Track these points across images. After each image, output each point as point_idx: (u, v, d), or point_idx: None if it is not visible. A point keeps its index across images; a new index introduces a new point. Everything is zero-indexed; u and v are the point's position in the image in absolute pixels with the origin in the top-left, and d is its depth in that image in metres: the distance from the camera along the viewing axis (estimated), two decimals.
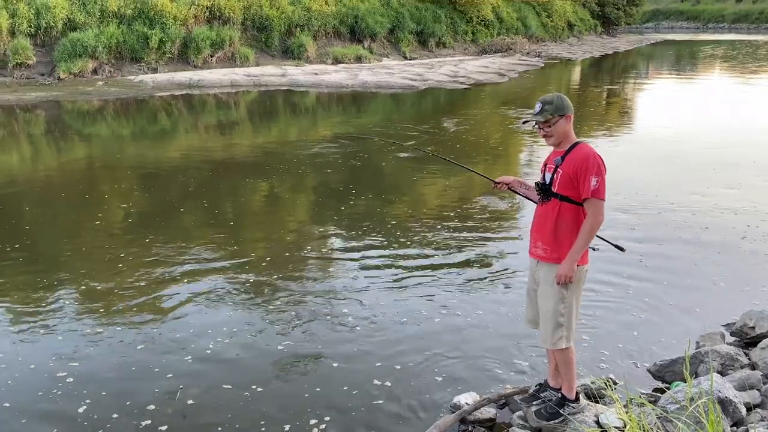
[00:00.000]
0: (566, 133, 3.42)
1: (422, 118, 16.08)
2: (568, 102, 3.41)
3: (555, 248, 3.44)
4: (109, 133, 14.64)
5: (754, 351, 4.41)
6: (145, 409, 4.01)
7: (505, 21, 41.10)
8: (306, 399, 4.13)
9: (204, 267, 6.34)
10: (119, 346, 4.81)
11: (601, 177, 3.31)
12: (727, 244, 7.03)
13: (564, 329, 3.47)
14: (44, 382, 4.32)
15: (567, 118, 3.39)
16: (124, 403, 4.08)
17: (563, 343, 3.49)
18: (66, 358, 4.62)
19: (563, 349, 3.51)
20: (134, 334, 5.00)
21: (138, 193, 9.30)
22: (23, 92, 19.07)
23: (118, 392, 4.20)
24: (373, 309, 5.44)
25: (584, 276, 3.52)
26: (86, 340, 4.90)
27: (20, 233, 7.33)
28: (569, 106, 3.40)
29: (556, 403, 3.63)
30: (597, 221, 3.34)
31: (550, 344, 3.52)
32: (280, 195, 9.37)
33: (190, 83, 21.56)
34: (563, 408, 3.57)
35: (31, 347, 4.83)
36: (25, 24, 20.91)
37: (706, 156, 11.64)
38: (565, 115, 3.39)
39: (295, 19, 27.62)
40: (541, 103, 3.43)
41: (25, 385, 4.29)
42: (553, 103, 3.39)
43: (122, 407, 4.03)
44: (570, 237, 3.40)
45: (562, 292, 3.42)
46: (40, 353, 4.72)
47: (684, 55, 44.57)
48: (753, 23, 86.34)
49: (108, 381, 4.33)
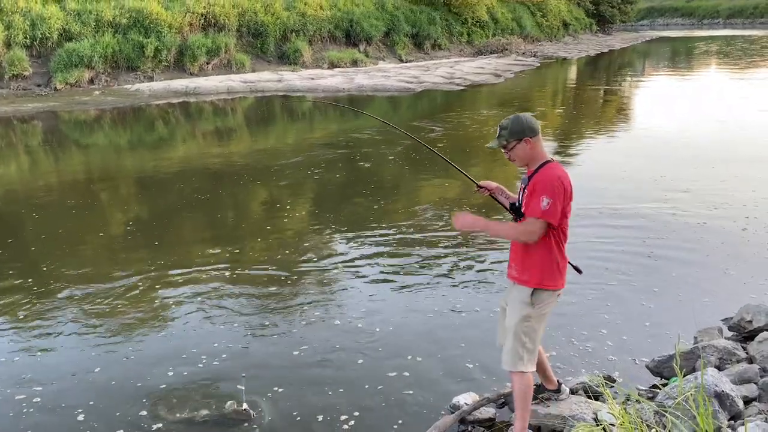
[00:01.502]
0: (529, 155, 3.26)
1: (418, 120, 16.08)
2: (528, 124, 3.23)
3: (523, 270, 3.34)
4: (107, 142, 14.67)
5: (751, 345, 4.42)
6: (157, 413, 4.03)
7: (500, 21, 41.22)
8: (305, 402, 4.14)
9: (206, 274, 6.34)
10: (121, 353, 4.82)
11: (554, 199, 3.12)
12: (724, 238, 7.04)
13: (525, 351, 3.33)
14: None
15: (525, 141, 3.22)
16: (130, 414, 4.09)
17: (521, 365, 3.34)
18: (53, 368, 4.64)
19: (521, 374, 3.36)
20: (141, 338, 5.02)
21: (136, 200, 9.32)
22: (20, 103, 19.11)
23: (123, 401, 4.21)
24: (372, 310, 5.45)
25: (554, 300, 3.36)
26: (81, 348, 4.91)
27: (18, 242, 7.34)
28: (527, 129, 3.21)
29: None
30: (527, 231, 3.21)
31: (510, 365, 3.38)
32: (279, 199, 9.38)
33: (186, 91, 21.61)
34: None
35: (33, 355, 4.85)
36: (20, 35, 20.96)
37: (703, 151, 11.66)
38: (522, 139, 3.23)
39: (291, 25, 27.69)
40: (499, 128, 3.30)
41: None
42: (508, 128, 3.25)
43: (128, 417, 4.05)
44: (535, 262, 3.29)
45: (527, 310, 3.31)
46: (41, 362, 4.74)
47: (679, 51, 44.66)
48: (748, 18, 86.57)
49: (110, 389, 4.34)
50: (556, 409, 3.69)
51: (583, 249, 6.32)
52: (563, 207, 3.20)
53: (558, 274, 3.34)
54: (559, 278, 3.35)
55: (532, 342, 3.36)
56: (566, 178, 3.23)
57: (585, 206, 8.26)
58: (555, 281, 3.33)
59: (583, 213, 7.87)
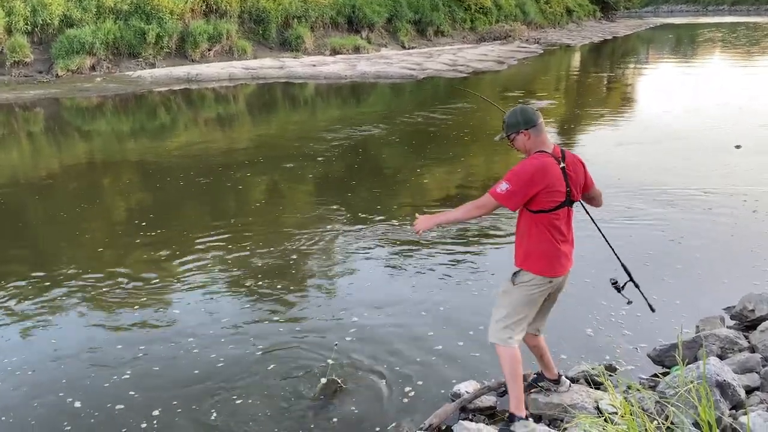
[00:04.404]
0: (528, 145, 3.40)
1: (422, 106, 16.02)
2: (524, 116, 3.37)
3: (515, 251, 3.51)
4: (109, 129, 14.65)
5: (753, 334, 4.41)
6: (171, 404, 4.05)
7: (503, 8, 40.94)
8: (313, 386, 4.15)
9: (209, 262, 6.35)
10: (131, 345, 4.84)
11: (512, 186, 3.27)
12: (728, 226, 7.02)
13: (502, 325, 3.46)
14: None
15: (524, 134, 3.38)
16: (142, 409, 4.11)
17: (499, 338, 3.47)
18: (66, 358, 4.65)
19: (503, 348, 3.46)
20: (152, 329, 5.03)
21: (139, 187, 9.31)
22: (21, 90, 19.07)
23: (131, 397, 4.23)
24: (376, 297, 5.46)
25: (541, 285, 3.41)
26: (86, 339, 4.93)
27: (20, 230, 7.35)
28: (524, 121, 3.36)
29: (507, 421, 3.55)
30: (478, 206, 3.37)
31: (491, 336, 3.52)
32: (282, 186, 9.37)
33: (188, 78, 21.54)
34: (511, 426, 3.49)
35: (33, 346, 4.87)
36: (21, 22, 20.87)
37: (706, 139, 11.61)
38: (519, 132, 3.39)
39: (292, 11, 27.53)
40: (503, 121, 3.49)
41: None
42: (506, 122, 3.44)
43: (132, 412, 4.07)
44: (522, 244, 3.44)
45: (506, 285, 3.48)
46: (43, 352, 4.76)
47: (683, 38, 44.36)
48: (753, 5, 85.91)
49: (123, 381, 4.36)
50: (557, 399, 3.69)
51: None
52: (529, 195, 3.28)
53: (545, 262, 3.39)
54: (546, 267, 3.39)
55: (510, 317, 3.45)
56: (544, 169, 3.29)
57: None
58: (540, 268, 3.39)
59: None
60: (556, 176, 3.32)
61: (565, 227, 3.43)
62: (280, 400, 4.07)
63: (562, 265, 3.44)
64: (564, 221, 3.41)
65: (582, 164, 3.51)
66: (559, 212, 3.37)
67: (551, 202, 3.33)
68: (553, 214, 3.35)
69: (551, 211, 3.34)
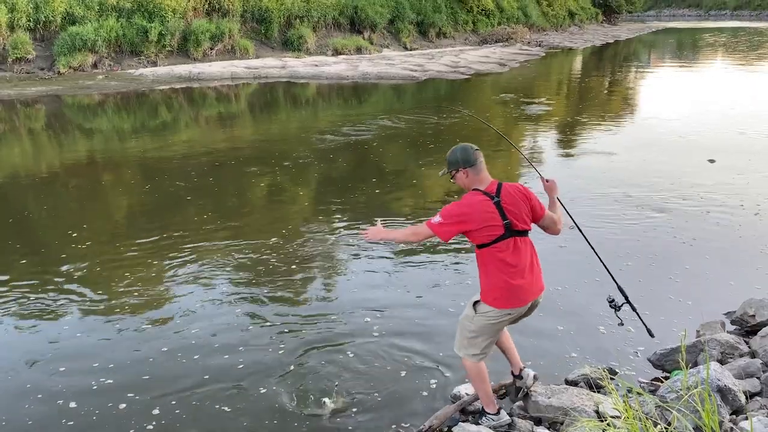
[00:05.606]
0: (467, 182, 3.55)
1: (423, 108, 16.02)
2: (462, 156, 3.50)
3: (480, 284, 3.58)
4: (111, 127, 14.63)
5: (754, 339, 4.41)
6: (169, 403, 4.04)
7: (505, 10, 40.97)
8: (313, 385, 4.15)
9: (209, 261, 6.35)
10: (132, 341, 4.84)
11: (444, 220, 3.44)
12: (728, 231, 7.02)
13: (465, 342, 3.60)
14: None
15: (463, 172, 3.52)
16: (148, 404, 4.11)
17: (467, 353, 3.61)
18: (64, 357, 4.65)
19: (472, 365, 3.60)
20: (150, 329, 5.03)
21: (140, 185, 9.30)
22: (23, 87, 19.06)
23: (134, 395, 4.23)
24: (376, 298, 5.46)
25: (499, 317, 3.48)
26: (85, 337, 4.93)
27: (22, 227, 7.34)
28: (464, 161, 3.49)
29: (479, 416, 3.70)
30: (415, 232, 3.63)
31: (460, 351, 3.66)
32: (284, 186, 9.36)
33: (190, 76, 21.54)
34: (480, 419, 3.65)
35: (31, 339, 4.87)
36: (24, 18, 20.88)
37: (707, 143, 11.61)
38: (459, 169, 3.53)
39: (295, 11, 27.55)
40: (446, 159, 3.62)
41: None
42: (448, 160, 3.58)
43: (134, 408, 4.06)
44: (480, 277, 3.54)
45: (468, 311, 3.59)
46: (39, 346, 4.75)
47: (686, 43, 44.38)
48: (755, 10, 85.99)
49: (129, 381, 4.36)
50: (557, 401, 3.69)
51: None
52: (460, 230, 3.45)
53: (500, 297, 3.44)
54: (502, 301, 3.44)
55: (472, 340, 3.57)
56: (471, 208, 3.44)
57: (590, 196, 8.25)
58: (495, 301, 3.45)
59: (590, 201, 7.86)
60: (487, 212, 3.40)
61: (513, 258, 3.41)
62: (280, 400, 4.06)
63: (519, 298, 3.45)
64: (510, 253, 3.41)
65: (525, 195, 3.51)
66: (500, 244, 3.41)
67: (488, 236, 3.41)
68: (494, 247, 3.42)
69: (492, 244, 3.42)
